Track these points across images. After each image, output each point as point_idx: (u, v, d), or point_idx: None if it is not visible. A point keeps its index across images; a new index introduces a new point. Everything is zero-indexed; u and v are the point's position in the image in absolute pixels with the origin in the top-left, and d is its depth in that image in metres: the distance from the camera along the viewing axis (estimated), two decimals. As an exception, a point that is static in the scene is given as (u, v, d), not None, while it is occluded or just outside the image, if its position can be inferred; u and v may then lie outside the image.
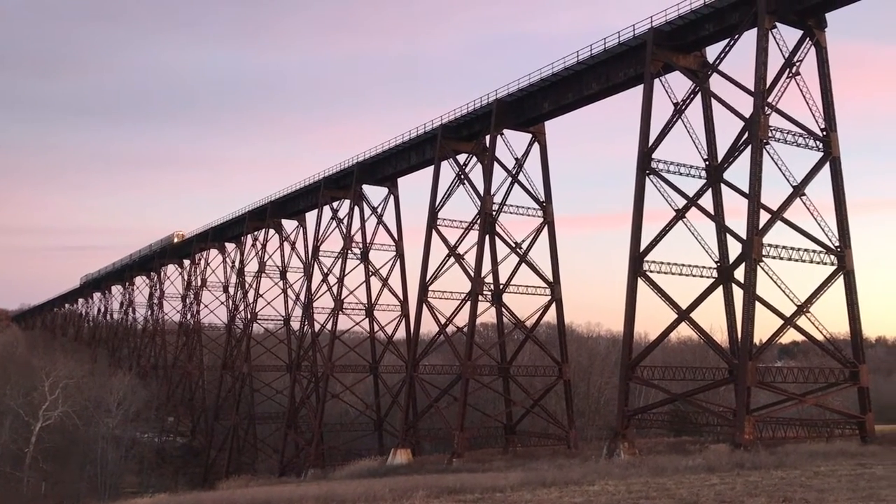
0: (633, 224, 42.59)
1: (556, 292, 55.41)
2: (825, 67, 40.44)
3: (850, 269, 39.77)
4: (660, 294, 41.76)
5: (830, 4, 39.17)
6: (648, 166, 42.65)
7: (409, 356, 60.24)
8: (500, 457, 52.79)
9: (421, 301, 57.44)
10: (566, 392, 55.93)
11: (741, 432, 35.66)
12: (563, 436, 54.29)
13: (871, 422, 39.53)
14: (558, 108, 52.46)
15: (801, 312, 38.94)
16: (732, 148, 41.22)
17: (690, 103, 43.81)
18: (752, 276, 37.21)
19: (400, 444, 56.80)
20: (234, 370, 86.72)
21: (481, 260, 54.06)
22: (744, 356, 37.00)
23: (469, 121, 57.11)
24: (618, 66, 47.08)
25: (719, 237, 44.60)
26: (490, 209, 54.68)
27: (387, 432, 69.84)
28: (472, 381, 53.93)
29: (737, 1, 40.07)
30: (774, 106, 39.16)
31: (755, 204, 37.77)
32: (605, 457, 40.63)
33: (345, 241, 69.54)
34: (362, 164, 68.20)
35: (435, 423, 62.73)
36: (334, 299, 69.29)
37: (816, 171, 39.98)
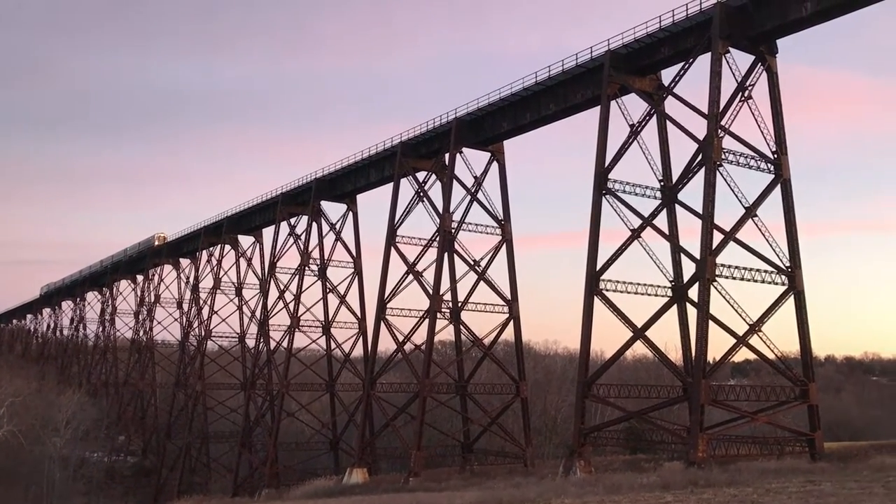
0: (590, 243, 43.00)
1: (513, 310, 55.61)
2: (776, 92, 41.43)
3: (800, 289, 40.59)
4: (616, 312, 42.14)
5: (781, 31, 40.17)
6: (605, 186, 43.16)
7: (367, 374, 59.84)
8: (457, 475, 52.59)
9: (379, 318, 57.15)
10: (523, 410, 55.99)
11: (695, 450, 36.02)
12: (519, 454, 54.29)
13: (821, 439, 40.28)
14: (517, 127, 52.90)
15: (753, 331, 39.60)
16: (687, 169, 41.92)
17: (646, 125, 44.50)
18: (705, 295, 37.77)
19: (356, 463, 56.26)
20: (187, 388, 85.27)
21: (440, 277, 54.06)
22: (697, 375, 37.47)
23: (429, 138, 57.29)
24: (575, 87, 47.68)
25: (674, 257, 45.19)
26: (449, 227, 54.77)
27: (343, 451, 69.13)
28: (429, 399, 53.72)
29: (691, 26, 40.93)
30: (727, 129, 39.98)
31: (708, 224, 38.42)
32: (562, 475, 40.71)
33: (302, 257, 69.03)
34: (321, 180, 67.89)
35: (392, 442, 62.36)
36: (291, 316, 68.65)
37: (768, 193, 40.84)
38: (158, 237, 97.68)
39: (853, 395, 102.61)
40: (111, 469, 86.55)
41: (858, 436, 68.84)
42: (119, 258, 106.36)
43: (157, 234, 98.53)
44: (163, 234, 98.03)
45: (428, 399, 53.39)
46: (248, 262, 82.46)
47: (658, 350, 42.65)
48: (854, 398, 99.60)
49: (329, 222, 69.25)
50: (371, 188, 66.61)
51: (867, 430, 77.98)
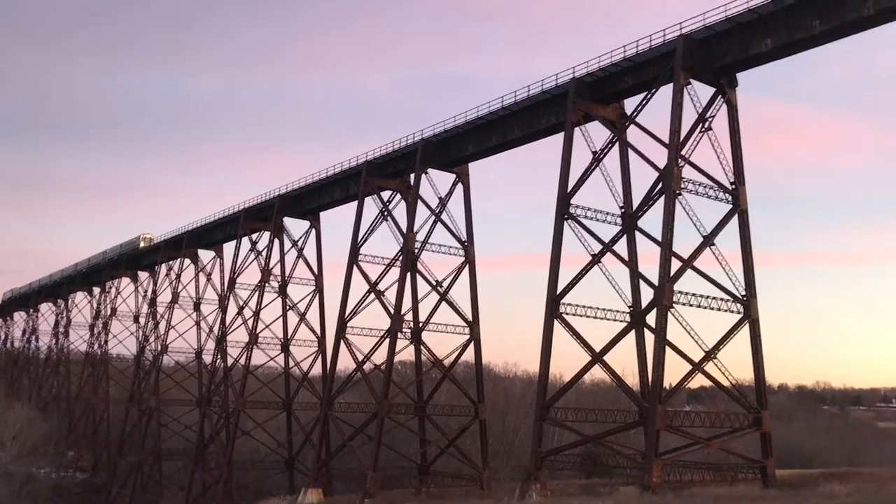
0: (551, 267, 43.37)
1: (474, 332, 55.72)
2: (735, 124, 42.36)
3: (754, 317, 41.32)
4: (575, 336, 42.45)
5: (741, 65, 41.16)
6: (567, 211, 43.63)
7: (325, 393, 59.39)
8: (413, 497, 52.32)
9: (339, 337, 56.85)
10: (481, 432, 55.94)
11: (650, 475, 36.29)
12: (476, 476, 54.15)
13: (773, 466, 40.85)
14: (482, 150, 53.33)
15: (709, 358, 40.14)
16: (647, 197, 42.58)
17: (608, 152, 45.16)
18: (662, 321, 38.24)
19: (311, 483, 55.63)
20: (141, 403, 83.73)
21: (402, 297, 54.01)
22: (653, 400, 37.85)
23: (395, 158, 57.44)
24: (541, 112, 48.25)
25: (633, 283, 45.74)
26: (412, 247, 54.83)
27: (298, 471, 68.29)
28: (387, 420, 53.48)
29: (655, 57, 41.75)
30: (687, 158, 40.74)
31: (667, 252, 39.00)
32: (518, 498, 40.74)
33: (263, 273, 68.50)
34: (284, 197, 67.58)
35: (348, 463, 61.73)
36: (249, 333, 67.96)
37: (725, 223, 41.61)
38: (144, 238, 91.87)
39: (804, 423, 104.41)
40: (59, 486, 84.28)
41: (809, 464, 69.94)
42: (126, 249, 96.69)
43: (143, 234, 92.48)
44: (149, 235, 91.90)
45: (386, 420, 53.14)
46: (208, 277, 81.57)
47: (615, 375, 42.99)
48: (805, 426, 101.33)
49: (291, 239, 68.94)
50: (335, 206, 66.52)
51: (817, 458, 79.24)
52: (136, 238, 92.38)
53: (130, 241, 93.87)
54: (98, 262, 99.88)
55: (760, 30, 38.72)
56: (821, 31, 37.08)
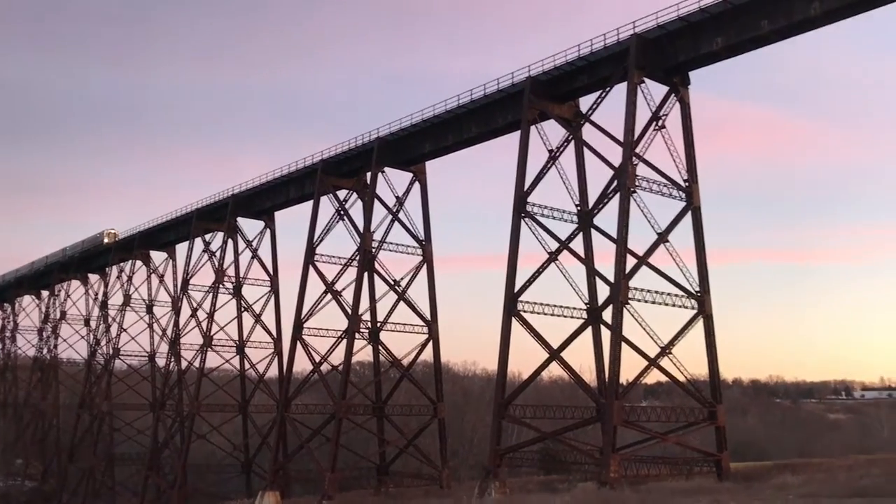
0: (509, 265, 43.47)
1: (433, 331, 55.61)
2: (688, 122, 42.89)
3: (708, 313, 41.88)
4: (532, 334, 42.65)
5: (693, 64, 41.70)
6: (524, 210, 43.76)
7: (281, 395, 58.76)
8: (372, 498, 52.05)
9: (295, 338, 56.30)
10: (440, 431, 55.87)
11: (607, 470, 36.56)
12: (436, 476, 54.07)
13: (727, 460, 41.44)
14: (439, 149, 53.26)
15: (664, 354, 40.59)
16: (602, 195, 42.94)
17: (564, 150, 45.41)
18: (618, 318, 38.54)
19: (268, 486, 54.99)
20: (92, 408, 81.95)
21: (359, 297, 53.66)
22: (610, 396, 38.14)
23: (351, 157, 57.03)
24: (497, 111, 48.33)
25: (589, 280, 46.08)
26: (369, 246, 54.51)
27: (255, 474, 67.50)
28: (345, 420, 53.11)
29: (609, 55, 42.07)
30: (642, 156, 41.12)
31: (622, 249, 39.34)
32: (477, 496, 40.72)
33: (217, 274, 67.56)
34: (238, 197, 66.70)
35: (306, 465, 61.16)
36: (203, 335, 66.96)
37: (679, 220, 42.11)
38: (109, 233, 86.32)
39: (758, 416, 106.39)
40: (7, 495, 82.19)
41: (763, 456, 71.15)
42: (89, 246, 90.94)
43: (108, 230, 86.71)
44: (114, 231, 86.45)
45: (344, 421, 52.77)
46: (161, 279, 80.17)
47: (573, 371, 43.28)
48: (759, 419, 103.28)
49: (245, 239, 68.08)
50: (290, 205, 65.86)
51: (771, 450, 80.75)
52: (99, 234, 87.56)
53: (93, 237, 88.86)
54: (43, 265, 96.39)
55: (711, 29, 39.29)
56: (769, 30, 37.78)
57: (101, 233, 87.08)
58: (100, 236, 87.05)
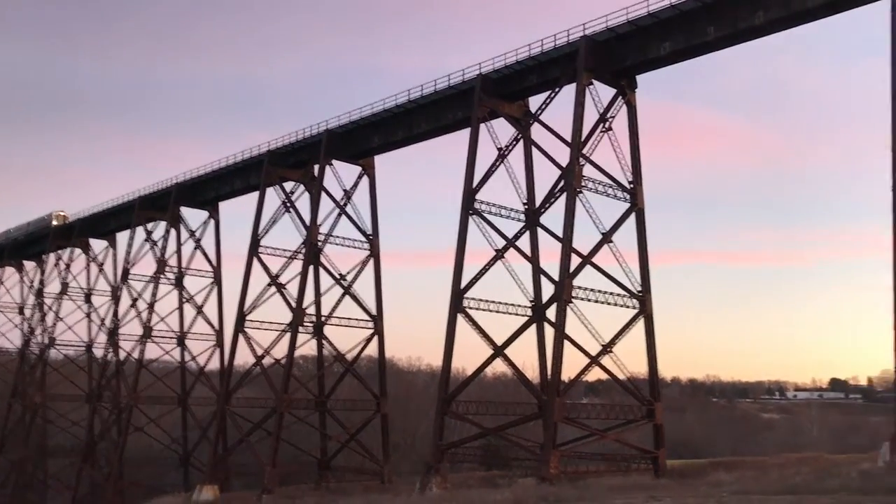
0: (456, 262, 43.63)
1: (378, 326, 55.49)
2: (634, 125, 43.55)
3: (649, 313, 42.65)
4: (477, 330, 42.90)
5: (641, 67, 42.39)
6: (472, 207, 43.94)
7: (222, 388, 58.01)
8: (313, 493, 51.71)
9: (237, 331, 55.60)
10: (383, 426, 55.81)
11: (547, 466, 37.02)
12: (377, 471, 54.01)
13: (664, 457, 42.35)
14: (389, 143, 53.14)
15: (606, 352, 41.23)
16: (549, 194, 43.37)
17: (513, 149, 45.71)
18: (562, 316, 39.02)
19: (207, 479, 54.24)
20: (25, 399, 79.65)
21: (304, 291, 53.24)
22: (552, 393, 38.59)
23: (298, 148, 56.46)
24: (447, 107, 48.39)
25: (534, 278, 46.53)
26: (315, 239, 54.10)
27: (193, 468, 66.45)
28: (287, 415, 52.67)
29: (558, 56, 42.46)
30: (588, 157, 41.63)
31: (567, 248, 39.81)
32: (418, 491, 40.83)
33: (158, 264, 66.30)
34: (182, 185, 65.51)
35: (246, 459, 60.45)
36: (143, 326, 65.69)
37: (623, 221, 42.77)
38: (57, 215, 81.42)
39: (695, 414, 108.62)
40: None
41: (699, 453, 72.81)
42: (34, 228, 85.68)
43: (56, 211, 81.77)
44: (63, 213, 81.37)
45: (286, 415, 52.33)
46: (100, 268, 78.26)
47: (516, 368, 43.67)
48: (696, 418, 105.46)
49: (189, 229, 66.94)
50: (235, 196, 64.96)
51: (706, 448, 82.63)
52: (47, 216, 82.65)
53: (40, 218, 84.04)
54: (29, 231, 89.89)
55: (659, 34, 39.98)
56: (715, 37, 38.62)
57: (49, 214, 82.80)
58: (48, 218, 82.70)
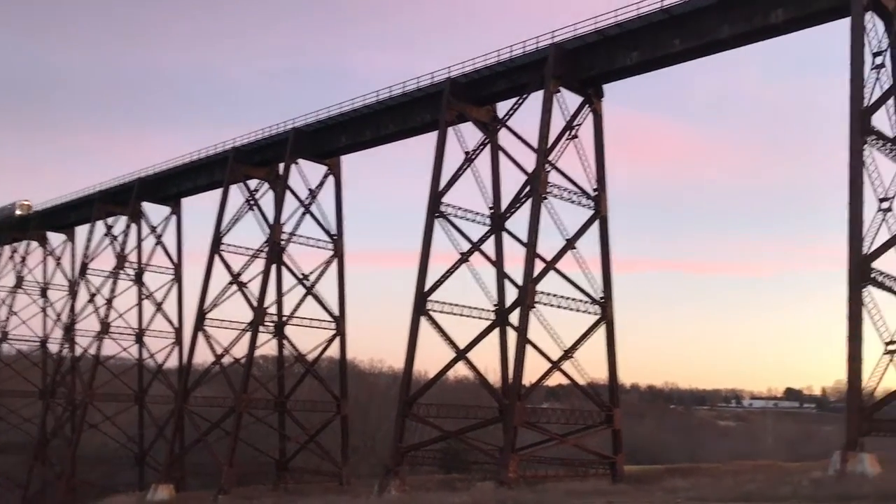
0: (420, 264, 43.66)
1: (340, 327, 55.29)
2: (600, 133, 44.00)
3: (610, 319, 43.09)
4: (440, 333, 42.96)
5: (608, 77, 42.85)
6: (438, 209, 44.01)
7: (180, 386, 57.29)
8: (270, 494, 51.30)
9: (197, 329, 54.96)
10: (343, 428, 55.57)
11: (506, 470, 37.16)
12: (336, 472, 53.75)
13: (622, 462, 42.78)
14: (356, 143, 53.03)
15: (567, 357, 41.56)
16: (515, 199, 43.57)
17: (480, 153, 45.89)
18: (525, 320, 39.23)
19: (162, 479, 53.53)
20: (-26, 395, 77.82)
21: (265, 290, 52.83)
22: (513, 397, 38.77)
23: (264, 146, 56.04)
24: (416, 110, 48.43)
25: (498, 282, 46.70)
26: (279, 238, 53.74)
27: (149, 467, 65.46)
28: (245, 415, 52.18)
29: (527, 63, 42.71)
30: (554, 164, 41.94)
31: (532, 253, 40.05)
32: (377, 494, 40.71)
33: (118, 259, 65.29)
34: (145, 181, 64.64)
35: (203, 458, 59.74)
36: (101, 321, 64.62)
37: (587, 228, 43.16)
38: (22, 205, 78.34)
39: (653, 421, 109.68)
40: None
41: (656, 460, 73.51)
42: None
43: (20, 201, 78.63)
44: (27, 202, 78.31)
45: (244, 415, 51.86)
46: (58, 262, 76.86)
47: (477, 371, 43.78)
48: (654, 424, 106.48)
49: (150, 225, 66.05)
50: (198, 192, 64.23)
51: (664, 454, 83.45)
52: (11, 205, 79.73)
53: (4, 207, 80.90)
54: None
55: (627, 44, 40.45)
56: (681, 48, 39.21)
57: (13, 203, 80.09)
58: (12, 207, 79.95)
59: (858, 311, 30.60)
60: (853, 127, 32.12)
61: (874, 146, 32.97)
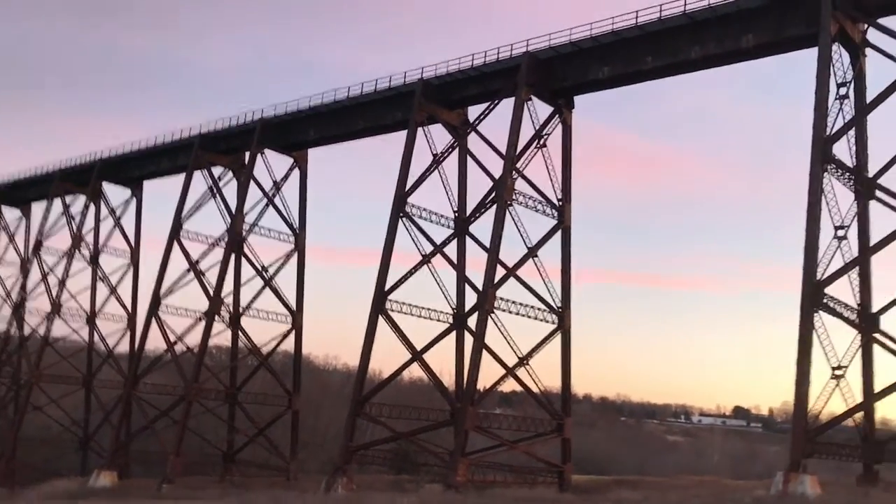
0: (382, 263, 43.51)
1: (297, 321, 54.86)
2: (568, 144, 44.29)
3: (567, 328, 43.35)
4: (397, 333, 42.85)
5: (580, 89, 43.20)
6: (403, 209, 43.92)
7: (130, 372, 56.40)
8: (216, 485, 50.65)
9: (151, 314, 54.15)
10: (293, 423, 55.14)
11: (455, 474, 37.17)
12: (284, 467, 53.29)
13: (570, 471, 43.07)
14: (324, 137, 52.77)
15: (522, 364, 41.75)
16: (480, 204, 43.72)
17: (448, 156, 45.92)
18: (483, 325, 39.32)
19: (106, 465, 52.59)
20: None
21: (223, 279, 52.25)
22: (466, 401, 38.82)
23: (231, 134, 55.44)
24: (387, 108, 48.28)
25: (458, 285, 46.73)
26: (240, 228, 53.21)
27: (93, 452, 64.27)
28: (195, 404, 51.53)
29: (501, 69, 42.83)
30: (521, 171, 42.13)
31: (493, 259, 40.19)
32: (324, 491, 40.44)
33: (74, 240, 64.05)
34: (107, 161, 63.56)
35: (149, 446, 58.79)
36: (52, 302, 63.31)
37: (549, 237, 43.41)
38: None
39: (603, 432, 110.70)
40: None
41: (604, 470, 74.07)
42: None
43: None
44: None
45: (194, 404, 51.21)
46: (11, 238, 75.21)
47: (432, 374, 43.71)
48: (604, 435, 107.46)
49: (110, 207, 64.89)
50: (161, 176, 63.39)
51: (612, 465, 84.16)
52: None
53: None
54: None
55: (600, 57, 40.79)
56: (652, 66, 39.65)
57: None
58: None
59: (809, 335, 31.20)
60: (814, 155, 32.77)
61: (833, 174, 33.70)
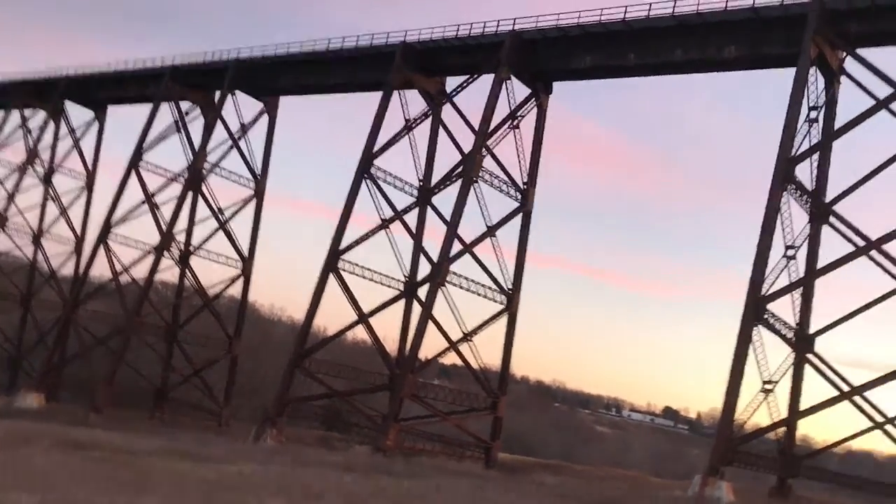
0: (340, 221, 43.40)
1: (247, 268, 54.49)
2: (541, 128, 44.43)
3: (514, 311, 43.81)
4: (346, 293, 42.87)
5: (560, 75, 43.29)
6: (368, 170, 43.72)
7: (71, 296, 55.51)
8: (145, 421, 50.37)
9: (100, 241, 53.27)
10: (231, 368, 54.96)
11: (385, 438, 37.57)
12: (216, 411, 53.18)
13: (498, 449, 43.76)
14: (298, 86, 52.21)
15: (466, 339, 42.12)
16: (446, 177, 43.69)
17: (420, 124, 45.72)
18: (432, 297, 39.53)
19: (35, 385, 51.89)
20: None
21: (177, 216, 51.60)
22: (405, 368, 39.13)
23: (204, 71, 54.34)
24: (364, 67, 47.76)
25: (414, 255, 46.85)
26: (201, 166, 52.43)
27: (24, 371, 63.23)
28: (134, 337, 51.00)
29: (484, 44, 42.62)
30: (491, 150, 42.18)
31: (452, 232, 40.33)
32: (253, 439, 40.52)
33: (28, 154, 62.46)
34: (73, 79, 61.88)
35: (82, 374, 58.05)
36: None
37: (510, 219, 43.65)
38: None
39: (535, 415, 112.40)
40: None
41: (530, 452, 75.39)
42: None
43: None
44: None
45: (133, 338, 50.69)
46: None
47: (376, 338, 43.93)
48: (535, 418, 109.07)
49: (70, 127, 63.32)
50: (127, 103, 62.23)
51: (539, 448, 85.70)
52: None
53: None
54: None
55: (584, 46, 40.81)
56: (634, 63, 39.86)
57: None
58: None
59: (745, 347, 32.02)
60: (776, 173, 33.38)
61: (792, 195, 34.44)
